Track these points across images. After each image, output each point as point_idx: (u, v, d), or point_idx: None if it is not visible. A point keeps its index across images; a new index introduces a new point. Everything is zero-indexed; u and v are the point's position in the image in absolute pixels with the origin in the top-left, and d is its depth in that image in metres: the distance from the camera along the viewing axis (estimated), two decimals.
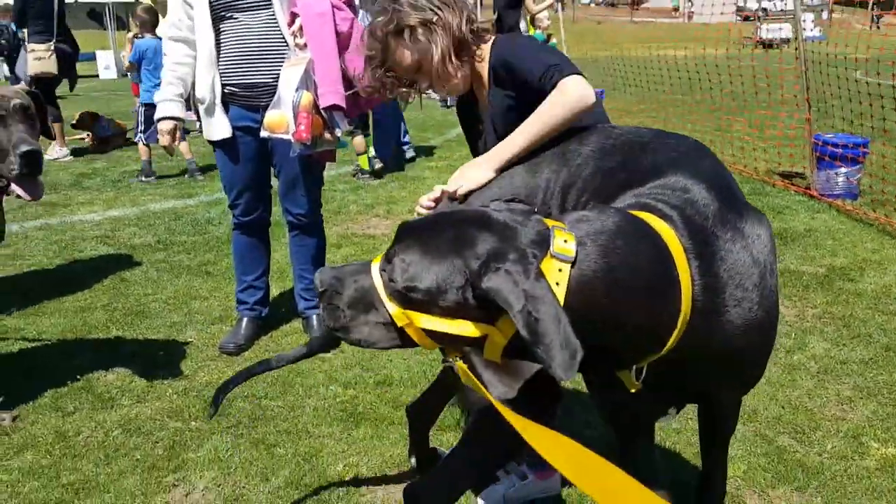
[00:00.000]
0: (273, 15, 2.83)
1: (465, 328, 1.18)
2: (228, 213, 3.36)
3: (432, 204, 1.75)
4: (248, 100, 2.91)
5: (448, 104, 11.14)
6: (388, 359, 3.02)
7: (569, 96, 1.60)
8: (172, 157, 5.45)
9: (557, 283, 1.13)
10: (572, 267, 1.15)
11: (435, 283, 1.16)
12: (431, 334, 1.21)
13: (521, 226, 1.19)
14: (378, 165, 6.44)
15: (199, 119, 2.98)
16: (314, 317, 3.26)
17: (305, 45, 2.77)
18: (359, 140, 6.35)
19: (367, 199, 5.80)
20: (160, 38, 5.79)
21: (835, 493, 2.15)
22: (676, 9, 27.23)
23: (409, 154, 7.06)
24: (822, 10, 33.12)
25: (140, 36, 7.03)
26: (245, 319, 3.23)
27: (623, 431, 1.62)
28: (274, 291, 3.60)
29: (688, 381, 1.41)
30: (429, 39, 1.74)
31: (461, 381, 1.70)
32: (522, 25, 8.94)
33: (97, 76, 20.45)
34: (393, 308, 1.22)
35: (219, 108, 2.93)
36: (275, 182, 3.13)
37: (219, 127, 2.95)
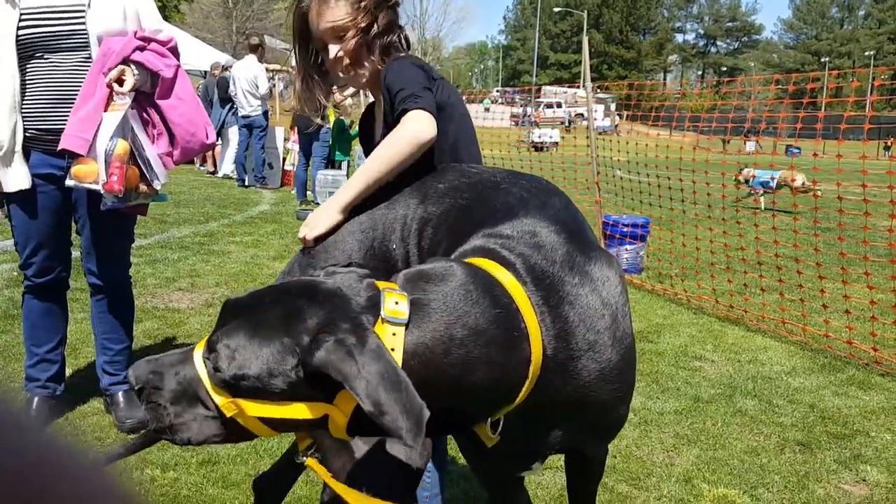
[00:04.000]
0: (89, 57, 2.58)
1: (302, 411, 1.09)
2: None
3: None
4: (52, 145, 2.58)
5: (245, 183, 10.85)
6: None
7: (402, 134, 1.55)
8: None
9: (393, 349, 1.07)
10: (406, 329, 1.10)
11: (266, 367, 1.07)
12: (267, 421, 1.11)
13: (352, 291, 1.13)
14: None
15: None
16: (119, 394, 2.87)
17: (125, 92, 2.55)
18: None
19: (167, 272, 5.36)
20: None
21: None
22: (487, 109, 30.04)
23: None
24: (611, 102, 37.61)
25: None
26: (36, 399, 2.76)
27: (495, 488, 1.58)
28: (70, 366, 3.13)
29: (550, 432, 1.38)
30: (370, 12, 1.67)
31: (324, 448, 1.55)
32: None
33: None
34: (219, 399, 1.11)
35: (18, 156, 2.57)
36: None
37: (16, 177, 2.58)
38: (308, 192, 9.38)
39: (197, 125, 2.72)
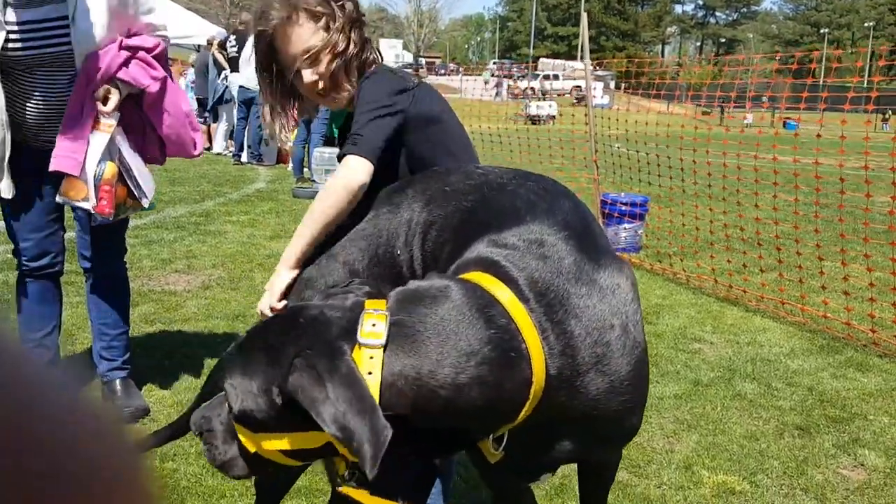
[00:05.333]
0: (76, 74, 2.49)
1: (303, 440, 1.11)
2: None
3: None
4: (43, 146, 2.53)
5: (242, 160, 10.76)
6: None
7: (335, 184, 1.55)
8: None
9: (370, 372, 1.06)
10: (386, 350, 1.08)
11: (257, 400, 1.11)
12: (286, 453, 1.15)
13: (334, 314, 1.13)
14: None
15: None
16: (117, 381, 2.85)
17: (111, 112, 2.50)
18: None
19: (163, 253, 5.32)
20: None
21: None
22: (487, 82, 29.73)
23: None
24: (610, 80, 37.28)
25: None
26: None
27: (502, 494, 1.58)
28: (67, 351, 3.11)
29: (558, 445, 1.35)
30: (344, 32, 1.63)
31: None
32: None
33: None
34: (241, 436, 1.17)
35: (5, 170, 2.52)
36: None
37: (4, 188, 2.54)
38: (305, 170, 9.30)
39: (184, 140, 2.71)
